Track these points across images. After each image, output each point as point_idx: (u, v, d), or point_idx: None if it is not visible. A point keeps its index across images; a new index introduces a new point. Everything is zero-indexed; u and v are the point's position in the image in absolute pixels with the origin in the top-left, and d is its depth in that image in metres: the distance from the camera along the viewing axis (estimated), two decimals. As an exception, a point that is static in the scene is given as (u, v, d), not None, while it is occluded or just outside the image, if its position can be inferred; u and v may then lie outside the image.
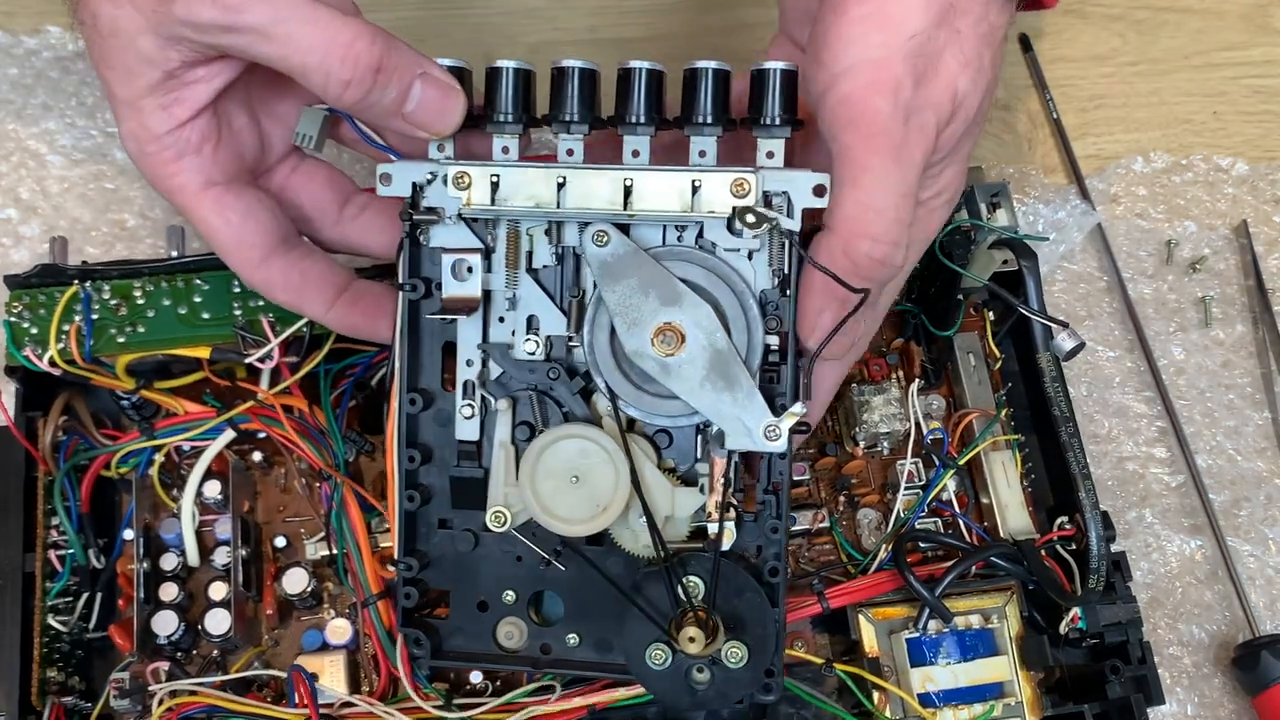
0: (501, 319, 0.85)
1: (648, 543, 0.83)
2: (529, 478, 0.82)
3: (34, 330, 0.93)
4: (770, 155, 0.82)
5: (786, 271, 0.82)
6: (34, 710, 0.90)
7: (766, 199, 0.81)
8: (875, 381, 1.03)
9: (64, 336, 0.93)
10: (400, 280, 0.85)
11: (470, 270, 0.84)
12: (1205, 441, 1.13)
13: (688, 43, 1.29)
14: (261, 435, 0.98)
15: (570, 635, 0.86)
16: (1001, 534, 0.98)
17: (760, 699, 0.84)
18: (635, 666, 0.83)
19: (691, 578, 0.83)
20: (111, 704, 0.92)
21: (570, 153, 0.82)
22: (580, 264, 0.84)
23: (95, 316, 0.94)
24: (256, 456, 1.00)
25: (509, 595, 0.86)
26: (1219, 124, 1.27)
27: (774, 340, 0.82)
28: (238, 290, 0.94)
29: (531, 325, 0.85)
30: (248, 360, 0.93)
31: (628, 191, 0.81)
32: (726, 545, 0.83)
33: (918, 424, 1.01)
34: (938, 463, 1.00)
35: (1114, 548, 0.93)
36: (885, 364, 1.05)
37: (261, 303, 0.94)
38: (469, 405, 0.85)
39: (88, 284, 0.94)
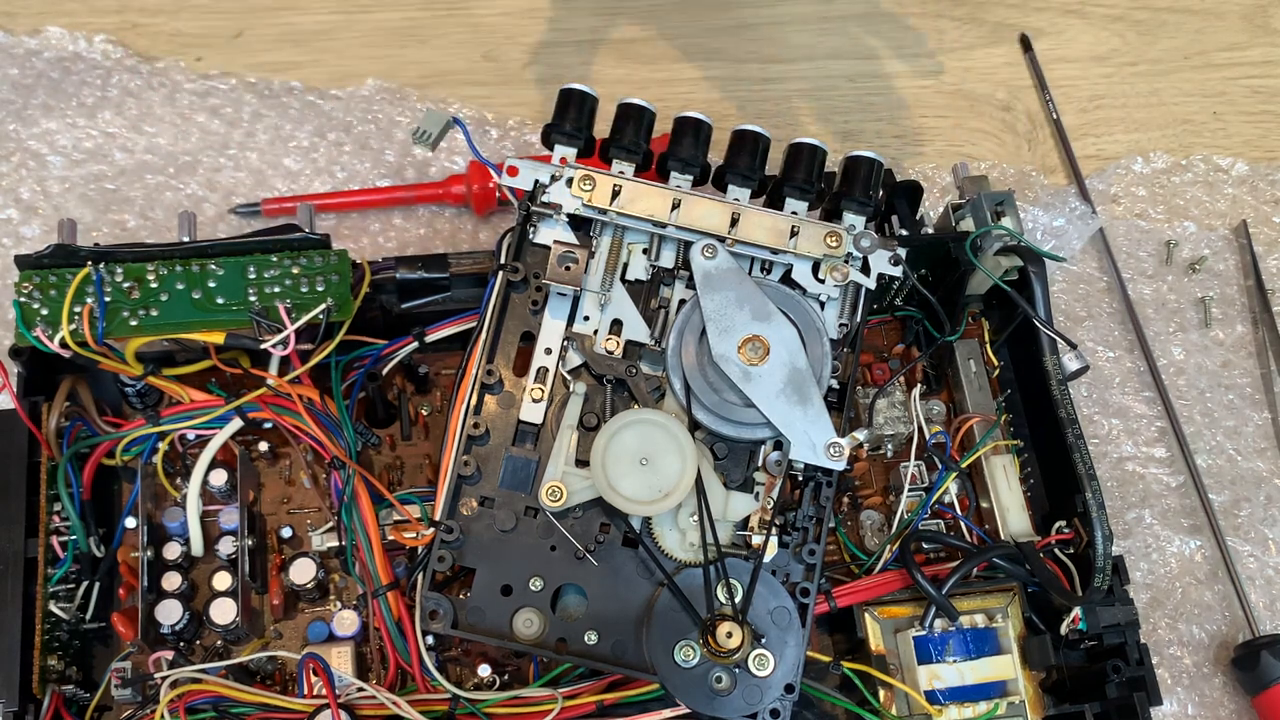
0: (586, 317, 0.92)
1: (691, 543, 0.87)
2: (602, 452, 0.85)
3: (45, 311, 0.92)
4: (852, 227, 0.94)
5: (852, 325, 0.92)
6: (34, 698, 0.89)
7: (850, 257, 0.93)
8: (878, 385, 1.04)
9: (76, 318, 0.92)
10: (504, 261, 0.92)
11: (573, 264, 0.91)
12: (1205, 442, 1.13)
13: (687, 43, 1.29)
14: (267, 425, 0.97)
15: (589, 633, 0.86)
16: (1002, 536, 0.99)
17: None
18: (660, 662, 0.84)
19: (731, 582, 0.85)
20: (112, 693, 0.91)
21: (679, 186, 0.94)
22: (663, 286, 0.93)
23: (108, 299, 0.92)
24: (263, 446, 0.99)
25: (536, 582, 0.87)
26: (1219, 124, 1.28)
27: (835, 383, 0.91)
28: (252, 276, 0.93)
29: (614, 328, 0.92)
30: (263, 346, 0.92)
31: (734, 220, 0.92)
32: (767, 558, 0.87)
33: (920, 428, 1.02)
34: (940, 466, 1.01)
35: (1113, 550, 0.93)
36: (888, 368, 1.06)
37: (278, 289, 0.93)
38: (539, 389, 0.90)
39: (100, 266, 0.93)
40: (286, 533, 0.98)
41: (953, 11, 1.33)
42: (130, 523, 0.95)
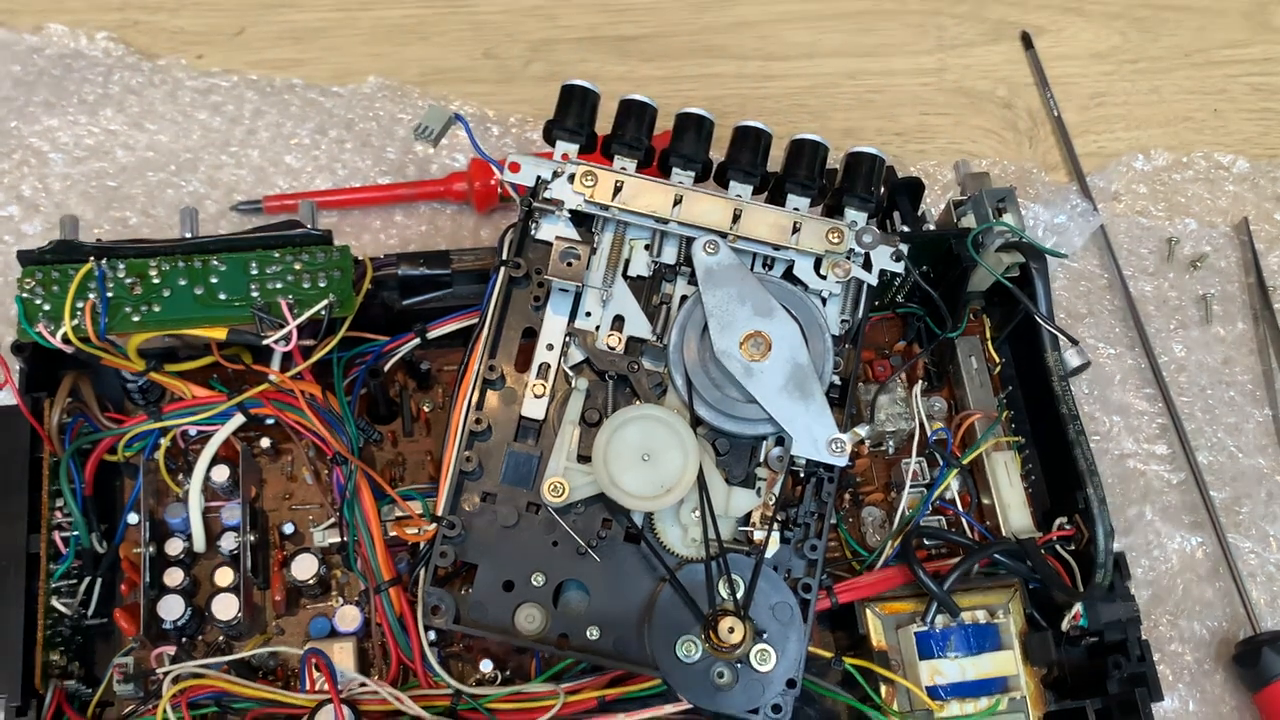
0: (588, 313, 0.92)
1: (693, 538, 0.87)
2: (603, 447, 0.85)
3: (47, 307, 0.92)
4: (854, 223, 0.93)
5: (854, 321, 0.92)
6: (36, 694, 0.89)
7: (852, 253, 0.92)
8: (880, 381, 1.04)
9: (78, 313, 0.92)
10: (506, 257, 0.92)
11: (575, 260, 0.91)
12: (1206, 438, 1.13)
13: (687, 42, 1.29)
14: (270, 421, 0.97)
15: (591, 628, 0.86)
16: (1003, 533, 0.99)
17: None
18: (663, 658, 0.84)
19: (733, 578, 0.85)
20: (114, 688, 0.91)
21: (681, 182, 0.93)
22: (665, 283, 0.93)
23: (110, 294, 0.92)
24: (265, 443, 0.99)
25: (538, 578, 0.87)
26: (1219, 121, 1.28)
27: (836, 379, 0.91)
28: (255, 272, 0.93)
29: (616, 324, 0.91)
30: (265, 342, 0.92)
31: (736, 216, 0.92)
32: (769, 554, 0.86)
33: (922, 424, 1.02)
34: (941, 462, 1.01)
35: (1115, 546, 0.93)
36: (889, 365, 1.06)
37: (280, 285, 0.93)
38: (541, 384, 0.90)
39: (103, 261, 0.93)
40: (288, 528, 0.98)
41: (953, 9, 1.33)
42: (132, 518, 0.96)
